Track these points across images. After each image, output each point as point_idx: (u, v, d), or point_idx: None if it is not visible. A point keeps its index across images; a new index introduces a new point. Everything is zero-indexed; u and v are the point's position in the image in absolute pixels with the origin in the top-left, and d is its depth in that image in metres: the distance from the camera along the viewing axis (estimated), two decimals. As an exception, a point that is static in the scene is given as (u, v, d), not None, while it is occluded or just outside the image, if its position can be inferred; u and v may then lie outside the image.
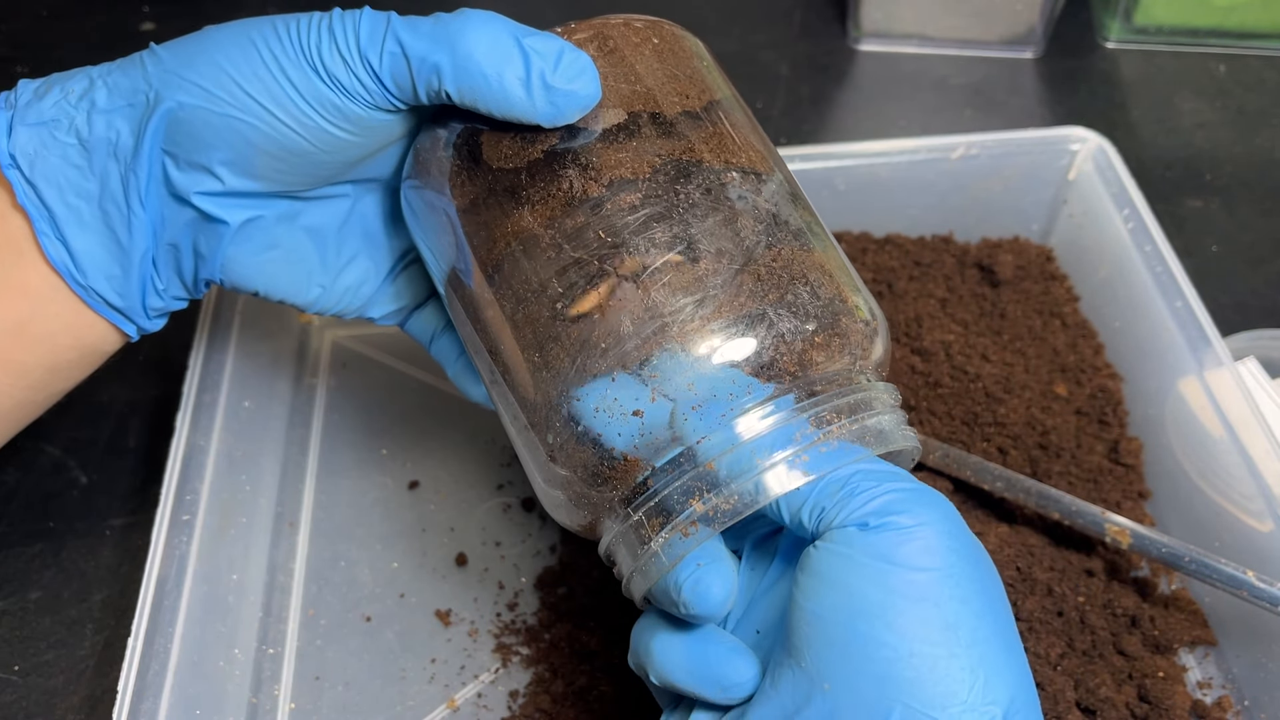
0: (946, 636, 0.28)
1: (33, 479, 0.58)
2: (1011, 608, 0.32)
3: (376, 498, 0.57)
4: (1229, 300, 0.65)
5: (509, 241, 0.35)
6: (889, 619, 0.29)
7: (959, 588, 0.29)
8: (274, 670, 0.51)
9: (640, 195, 0.34)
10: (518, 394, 0.36)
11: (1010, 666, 0.29)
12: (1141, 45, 0.83)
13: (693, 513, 0.32)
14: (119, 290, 0.38)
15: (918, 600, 0.29)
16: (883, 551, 0.29)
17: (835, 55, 0.83)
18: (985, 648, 0.29)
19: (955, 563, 0.29)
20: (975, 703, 0.28)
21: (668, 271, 0.33)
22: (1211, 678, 0.48)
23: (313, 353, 0.64)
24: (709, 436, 0.32)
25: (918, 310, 0.58)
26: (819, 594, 0.30)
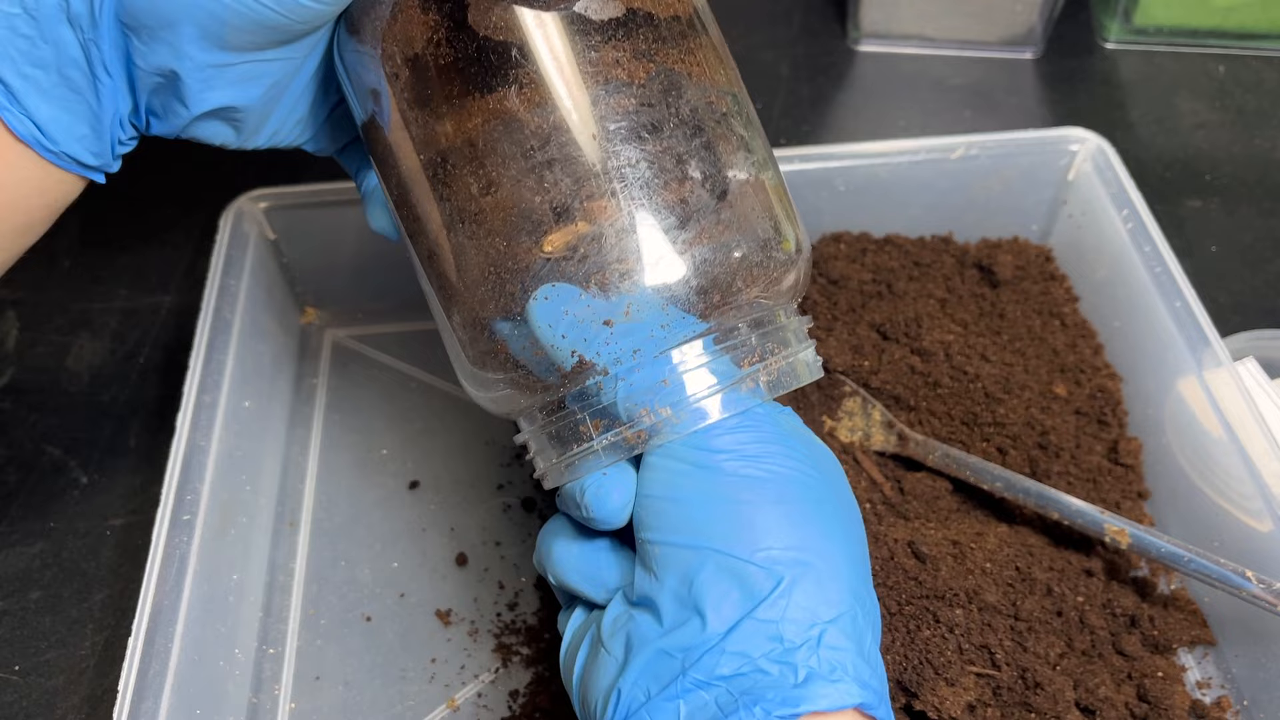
0: (752, 495, 0.33)
1: (33, 479, 0.58)
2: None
3: (376, 498, 0.57)
4: (1228, 300, 0.65)
5: (483, 120, 0.34)
6: (698, 485, 0.33)
7: (766, 464, 0.34)
8: (274, 670, 0.51)
9: (635, 102, 0.34)
10: (455, 291, 0.35)
11: (820, 529, 0.33)
12: (1141, 46, 0.83)
13: (609, 438, 0.35)
14: (92, 150, 0.38)
15: (727, 474, 0.33)
16: (697, 443, 0.34)
17: (835, 56, 0.83)
18: (790, 508, 0.33)
19: (764, 450, 0.34)
20: (780, 547, 0.32)
21: (656, 189, 0.33)
22: (1210, 677, 0.48)
23: (313, 353, 0.64)
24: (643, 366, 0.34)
25: (917, 310, 0.58)
26: (650, 479, 0.35)
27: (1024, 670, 0.44)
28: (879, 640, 0.34)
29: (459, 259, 0.35)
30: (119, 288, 0.68)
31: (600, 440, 0.35)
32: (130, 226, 0.72)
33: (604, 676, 0.34)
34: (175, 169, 0.75)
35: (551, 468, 0.37)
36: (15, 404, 0.61)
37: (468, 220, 0.34)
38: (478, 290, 0.34)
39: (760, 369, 0.36)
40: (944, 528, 0.49)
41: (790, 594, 0.32)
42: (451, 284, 0.35)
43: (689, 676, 0.32)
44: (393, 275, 0.64)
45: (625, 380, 0.34)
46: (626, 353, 0.34)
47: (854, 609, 0.33)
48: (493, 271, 0.34)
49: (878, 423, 0.54)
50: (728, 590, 0.32)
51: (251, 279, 0.57)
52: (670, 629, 0.33)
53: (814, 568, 0.32)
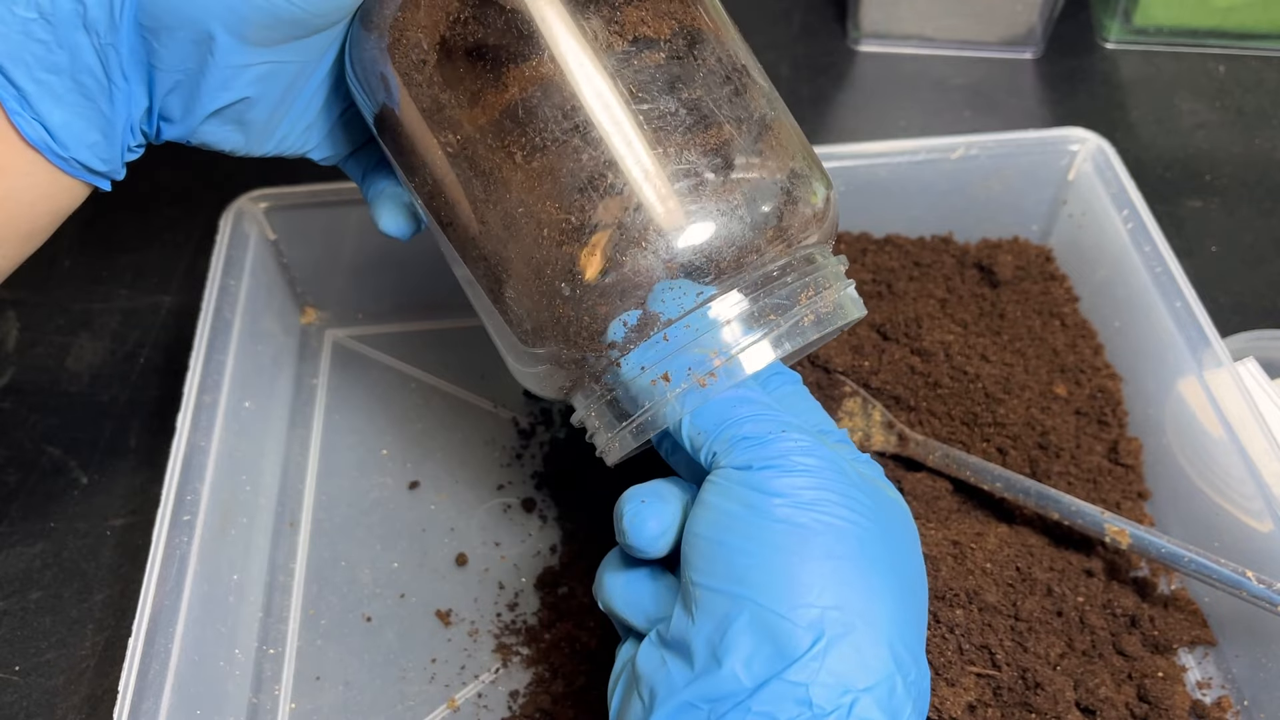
0: (799, 546, 0.31)
1: (33, 479, 0.58)
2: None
3: (376, 498, 0.57)
4: (1228, 301, 0.65)
5: (520, 89, 0.34)
6: (747, 530, 0.32)
7: (821, 513, 0.32)
8: (274, 670, 0.51)
9: (664, 56, 0.35)
10: (507, 264, 0.35)
11: (868, 588, 0.32)
12: (1141, 46, 0.83)
13: (682, 385, 0.35)
14: (102, 156, 0.38)
15: (777, 520, 0.32)
16: (753, 483, 0.33)
17: (835, 56, 0.83)
18: (840, 563, 0.32)
19: (822, 497, 0.32)
20: (821, 605, 0.31)
21: (698, 135, 0.34)
22: (1211, 678, 0.48)
23: (313, 353, 0.64)
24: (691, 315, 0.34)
25: (917, 310, 0.58)
26: (700, 517, 0.33)
27: (1024, 670, 0.44)
28: (924, 712, 0.32)
29: (509, 231, 0.35)
30: (119, 288, 0.68)
31: (673, 389, 0.35)
32: (130, 226, 0.72)
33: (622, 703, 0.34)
34: (175, 169, 0.75)
35: (617, 436, 0.37)
36: (15, 404, 0.61)
37: (515, 189, 0.34)
38: (533, 257, 0.34)
39: (808, 309, 0.36)
40: (944, 528, 0.49)
41: (825, 656, 0.30)
42: (503, 258, 0.35)
43: None
44: (393, 275, 0.64)
45: (691, 327, 0.34)
46: (690, 296, 0.34)
47: (894, 678, 0.31)
48: (548, 236, 0.34)
49: (878, 423, 0.54)
50: (761, 645, 0.31)
51: (251, 279, 0.57)
52: (698, 677, 0.31)
53: (855, 630, 0.31)
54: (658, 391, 0.35)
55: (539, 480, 0.57)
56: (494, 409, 0.61)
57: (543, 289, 0.35)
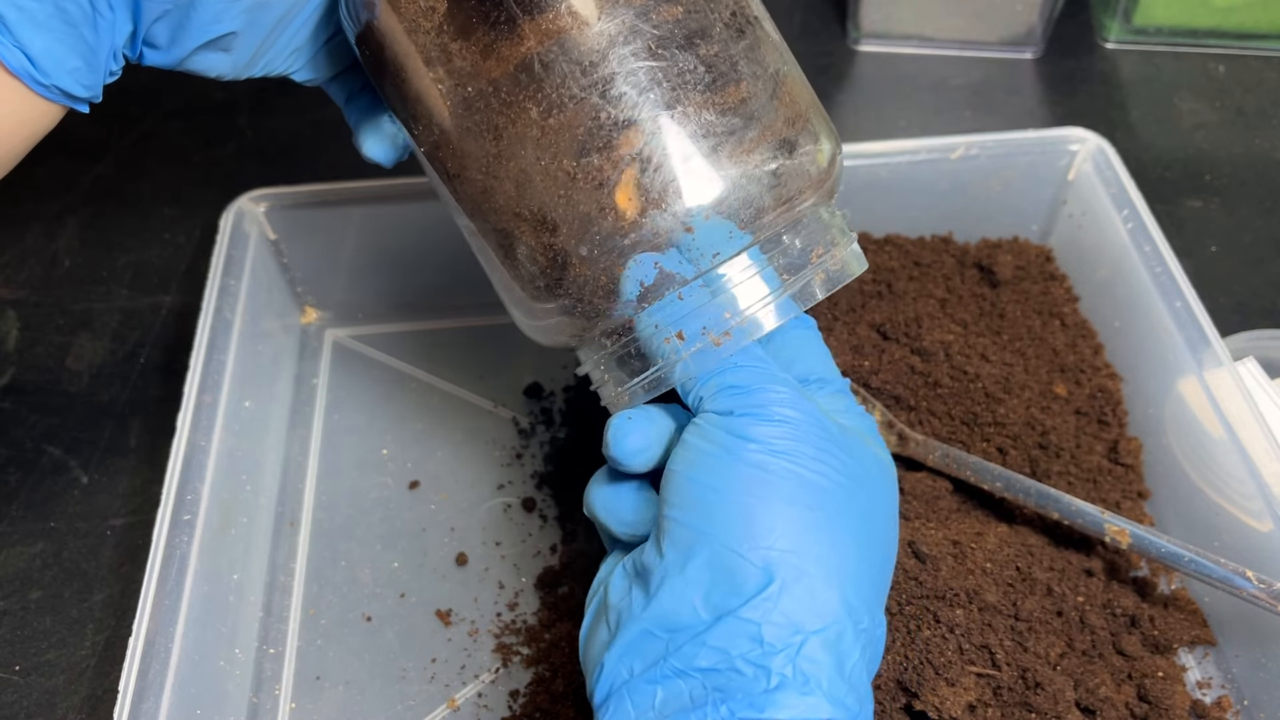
0: (763, 490, 0.33)
1: (34, 479, 0.58)
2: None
3: (377, 498, 0.57)
4: (1228, 301, 0.65)
5: (538, 42, 0.33)
6: (718, 470, 0.33)
7: (790, 462, 0.33)
8: (274, 670, 0.51)
9: (681, 9, 0.34)
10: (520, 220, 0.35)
11: (827, 537, 0.33)
12: (1141, 46, 0.83)
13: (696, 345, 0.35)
14: (84, 83, 0.37)
15: (747, 463, 0.33)
16: (731, 427, 0.34)
17: (835, 56, 0.83)
18: (801, 511, 0.33)
19: (794, 448, 0.34)
20: (779, 548, 0.32)
21: (717, 92, 0.34)
22: (1211, 677, 0.48)
23: (313, 353, 0.64)
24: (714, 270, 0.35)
25: (917, 310, 0.58)
26: (678, 455, 0.35)
27: (1024, 670, 0.44)
28: (873, 663, 0.34)
29: (522, 189, 0.34)
30: (119, 288, 0.68)
31: (687, 348, 0.35)
32: (130, 226, 0.72)
33: (597, 645, 0.35)
34: (175, 169, 0.75)
35: (627, 391, 0.37)
36: (15, 404, 0.61)
37: (530, 147, 0.34)
38: (548, 216, 0.34)
39: (819, 268, 0.36)
40: (944, 528, 0.49)
41: (778, 597, 0.32)
42: (516, 215, 0.35)
43: (669, 663, 0.32)
44: (393, 275, 0.64)
45: (707, 287, 0.35)
46: (707, 257, 0.34)
47: (843, 623, 0.32)
48: (564, 196, 0.34)
49: (878, 423, 0.54)
50: (718, 580, 0.32)
51: (252, 279, 0.57)
52: (658, 607, 0.33)
53: (809, 575, 0.32)
54: (670, 350, 0.35)
55: (539, 480, 0.57)
56: (494, 409, 0.61)
57: (558, 248, 0.34)
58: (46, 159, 0.76)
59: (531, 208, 0.34)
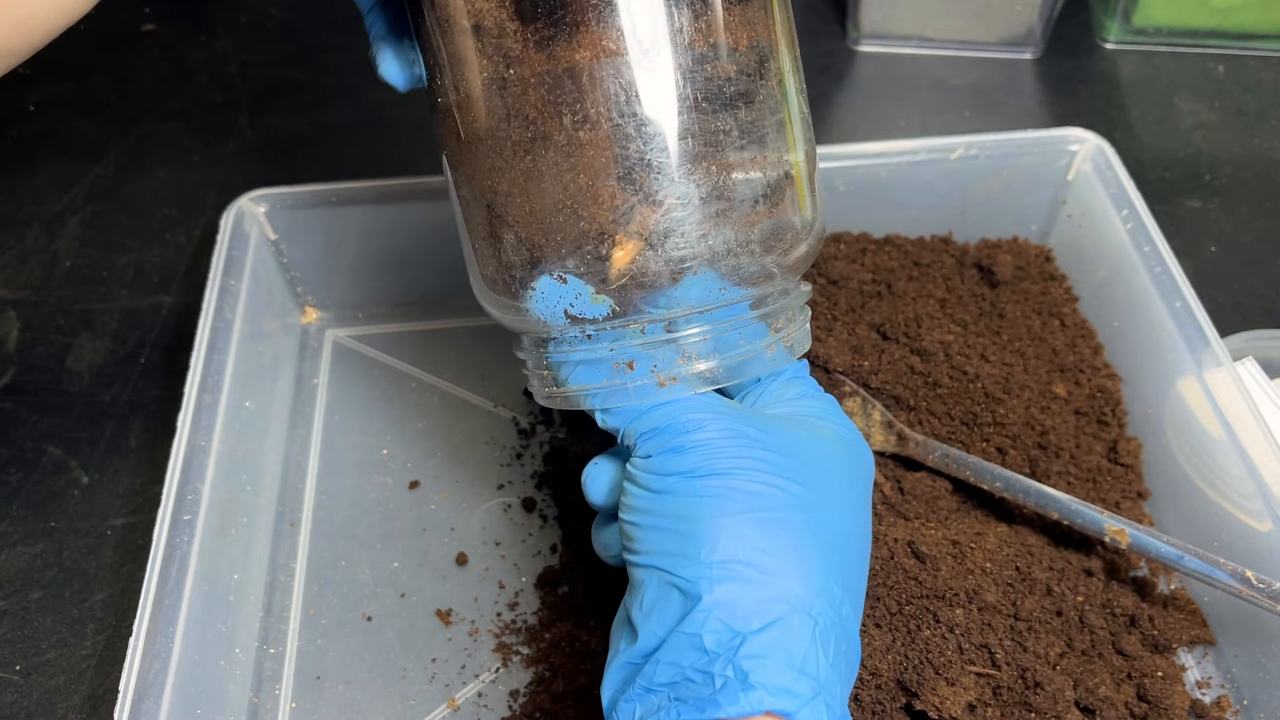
0: (690, 512, 0.34)
1: (34, 479, 0.58)
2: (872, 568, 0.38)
3: (377, 498, 0.57)
4: (1228, 300, 0.65)
5: (592, 55, 0.33)
6: (650, 508, 0.35)
7: (713, 481, 0.34)
8: (275, 670, 0.51)
9: (735, 69, 0.35)
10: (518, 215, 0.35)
11: (762, 538, 0.34)
12: (1140, 46, 0.83)
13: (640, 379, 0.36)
14: None
15: (673, 494, 0.35)
16: (654, 467, 0.36)
17: (835, 56, 0.83)
18: (729, 520, 0.34)
19: (715, 465, 0.35)
20: (711, 561, 0.33)
21: (739, 162, 0.35)
22: (1210, 677, 0.48)
23: (313, 353, 0.64)
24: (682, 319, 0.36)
25: (917, 310, 0.58)
26: (621, 503, 0.37)
27: (1024, 670, 0.44)
28: (842, 644, 0.34)
29: (531, 184, 0.34)
30: (119, 288, 0.68)
31: (633, 378, 0.36)
32: (130, 226, 0.72)
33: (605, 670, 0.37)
34: (175, 169, 0.75)
35: (551, 395, 0.39)
36: (15, 404, 0.61)
37: (552, 149, 0.34)
38: (548, 220, 0.34)
39: (783, 335, 0.38)
40: (944, 528, 0.49)
41: (712, 607, 0.33)
42: (516, 204, 0.35)
43: (638, 684, 0.34)
44: (393, 275, 0.64)
45: (671, 330, 0.36)
46: (682, 305, 0.36)
47: (788, 616, 0.33)
48: (571, 209, 0.34)
49: (878, 423, 0.54)
50: (664, 605, 0.34)
51: (252, 279, 0.57)
52: (636, 642, 0.35)
53: (741, 578, 0.33)
54: (617, 374, 0.37)
55: (539, 480, 0.57)
56: (494, 409, 0.61)
57: (544, 252, 0.35)
58: (47, 159, 0.76)
59: (534, 206, 0.34)
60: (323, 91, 0.81)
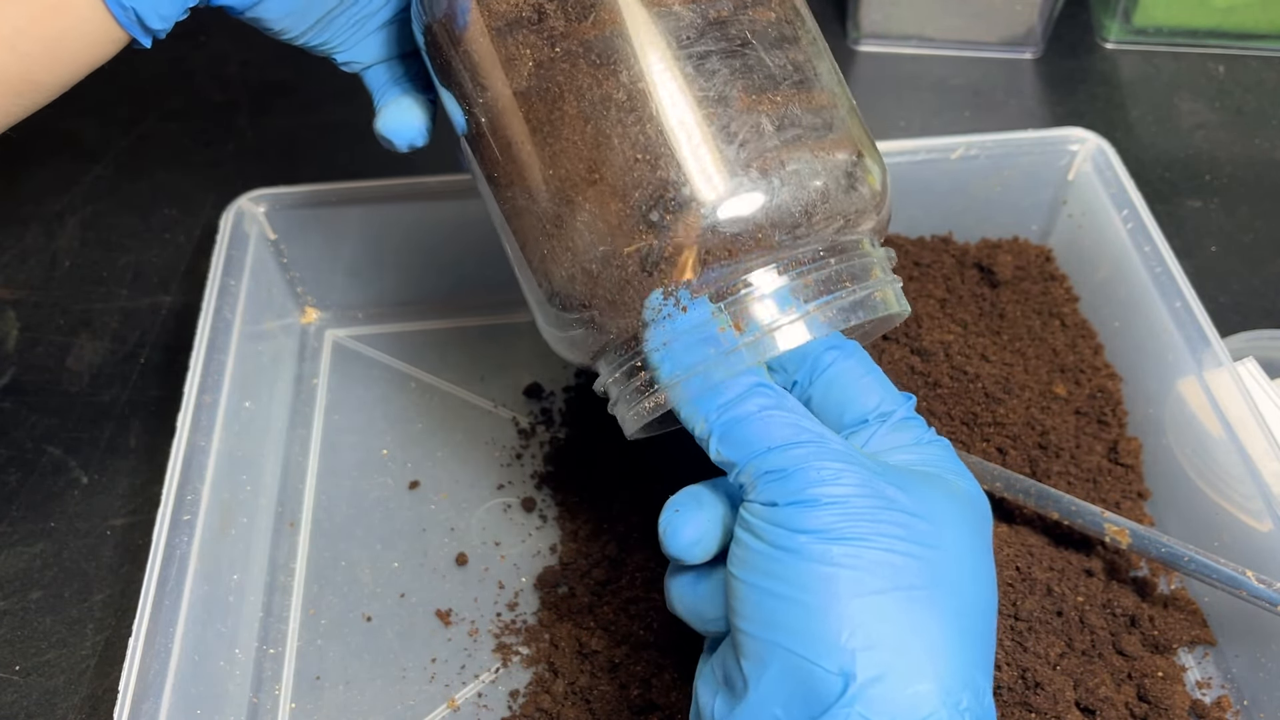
0: (828, 586, 0.30)
1: (34, 479, 0.58)
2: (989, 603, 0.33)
3: (377, 498, 0.57)
4: (1228, 300, 0.65)
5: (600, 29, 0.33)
6: (776, 571, 0.31)
7: (851, 547, 0.31)
8: (274, 670, 0.51)
9: (774, 14, 0.35)
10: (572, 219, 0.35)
11: (906, 622, 0.30)
12: (1141, 46, 0.83)
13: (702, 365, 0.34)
14: (160, 12, 0.38)
15: (805, 558, 0.31)
16: (780, 519, 0.31)
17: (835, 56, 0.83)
18: (872, 600, 0.30)
19: (853, 529, 0.31)
20: (852, 647, 0.30)
21: (786, 100, 0.34)
22: (1210, 677, 0.48)
23: (313, 353, 0.64)
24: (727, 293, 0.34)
25: (917, 310, 0.58)
26: (733, 555, 0.33)
27: (1024, 670, 0.44)
28: None
29: (597, 149, 0.34)
30: (119, 288, 0.68)
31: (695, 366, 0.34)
32: (130, 226, 0.72)
33: None
34: (175, 169, 0.75)
35: (631, 409, 0.36)
36: (15, 404, 0.61)
37: (613, 108, 0.34)
38: (619, 180, 0.34)
39: (848, 295, 0.35)
40: (944, 528, 0.49)
41: (855, 702, 0.29)
42: (579, 179, 0.34)
43: None
44: (393, 275, 0.64)
45: (724, 305, 0.33)
46: (736, 274, 0.34)
47: (938, 713, 0.30)
48: (645, 159, 0.33)
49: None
50: (794, 693, 0.30)
51: (251, 279, 0.57)
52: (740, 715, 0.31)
53: (893, 670, 0.30)
54: (670, 370, 0.34)
55: (539, 480, 0.57)
56: (494, 409, 0.61)
57: (616, 216, 0.34)
58: (47, 159, 0.76)
59: (604, 174, 0.34)
60: (323, 91, 0.81)
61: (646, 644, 0.48)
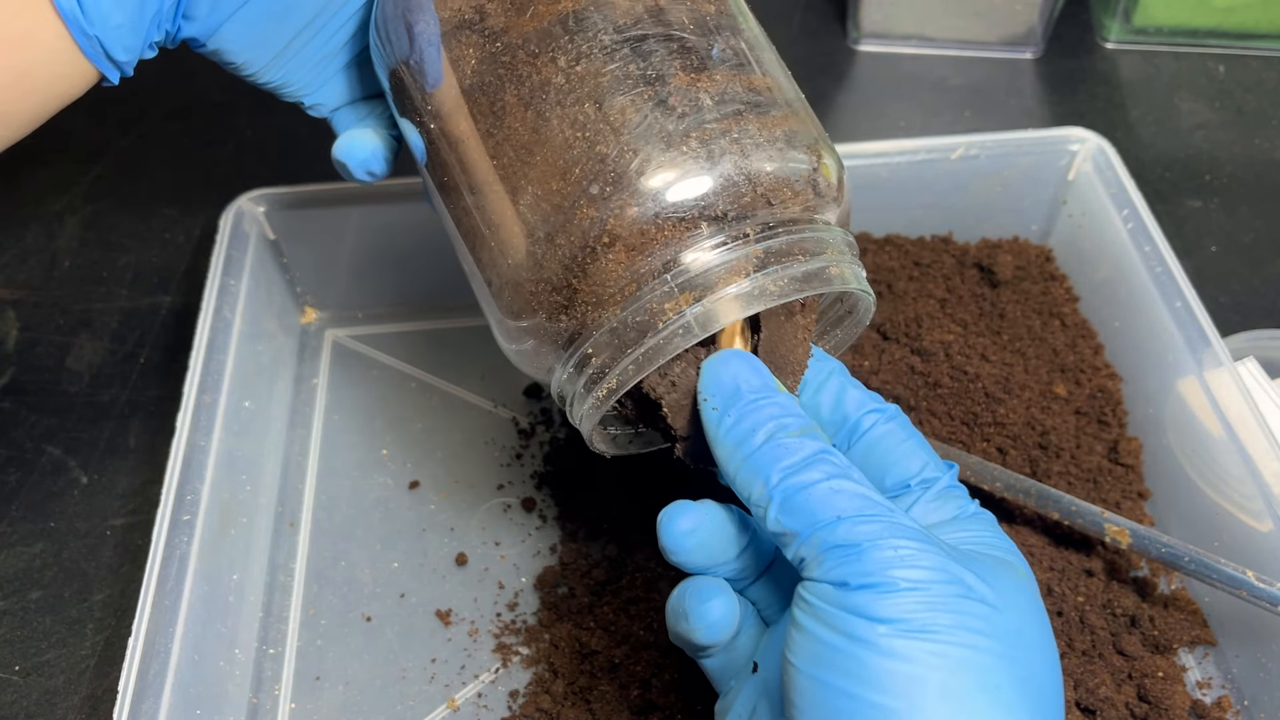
0: (910, 688, 0.28)
1: (33, 479, 0.58)
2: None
3: (376, 498, 0.57)
4: (1228, 300, 0.65)
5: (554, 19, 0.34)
6: (848, 667, 0.28)
7: (934, 642, 0.28)
8: (274, 670, 0.51)
9: (714, 7, 0.36)
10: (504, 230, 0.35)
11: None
12: (1141, 46, 0.83)
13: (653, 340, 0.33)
14: (123, 43, 0.38)
15: (883, 653, 0.28)
16: (853, 605, 0.29)
17: (835, 56, 0.83)
18: (958, 702, 0.28)
19: (933, 620, 0.28)
20: None
21: (726, 80, 0.34)
22: (1211, 677, 0.48)
23: (313, 353, 0.64)
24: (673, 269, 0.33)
25: (917, 310, 0.58)
26: (795, 643, 0.30)
27: (1024, 670, 0.44)
28: None
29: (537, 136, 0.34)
30: (119, 288, 0.68)
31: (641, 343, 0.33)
32: (130, 226, 0.72)
33: None
34: (175, 169, 0.75)
35: (585, 401, 0.35)
36: (15, 404, 0.61)
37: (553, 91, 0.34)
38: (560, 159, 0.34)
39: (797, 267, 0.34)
40: (944, 528, 0.49)
41: None
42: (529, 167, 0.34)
43: None
44: (393, 275, 0.64)
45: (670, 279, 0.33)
46: (682, 245, 0.33)
47: None
48: (583, 138, 0.33)
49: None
50: None
51: (251, 279, 0.57)
52: None
53: None
54: (626, 344, 0.33)
55: (539, 480, 0.57)
56: (494, 409, 0.61)
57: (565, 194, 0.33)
58: (46, 159, 0.76)
59: (541, 153, 0.34)
60: (323, 91, 0.81)
61: (646, 644, 0.48)
